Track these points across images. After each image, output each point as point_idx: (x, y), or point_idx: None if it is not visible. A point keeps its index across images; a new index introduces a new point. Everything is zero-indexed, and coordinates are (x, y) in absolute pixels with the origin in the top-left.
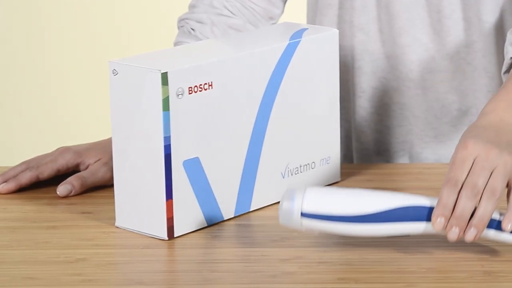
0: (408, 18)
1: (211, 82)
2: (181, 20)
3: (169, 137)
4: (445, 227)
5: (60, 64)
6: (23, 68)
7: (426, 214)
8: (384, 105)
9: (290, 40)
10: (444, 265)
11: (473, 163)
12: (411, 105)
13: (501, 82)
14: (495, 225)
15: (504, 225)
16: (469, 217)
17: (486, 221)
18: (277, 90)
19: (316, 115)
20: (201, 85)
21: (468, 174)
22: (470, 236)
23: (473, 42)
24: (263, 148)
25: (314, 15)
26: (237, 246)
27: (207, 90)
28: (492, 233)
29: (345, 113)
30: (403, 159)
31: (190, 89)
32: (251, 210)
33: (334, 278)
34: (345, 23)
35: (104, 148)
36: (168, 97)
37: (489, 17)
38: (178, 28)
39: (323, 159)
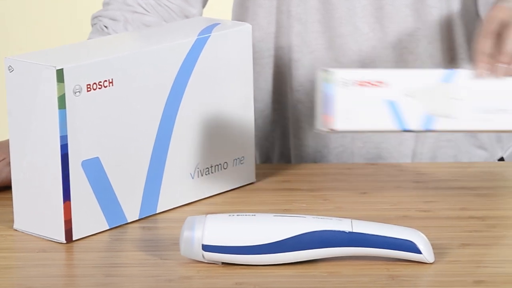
0: (348, 7)
1: (112, 79)
2: (94, 17)
3: (66, 136)
4: (488, 72)
5: None
6: None
7: (331, 239)
8: None
9: (198, 36)
10: (348, 269)
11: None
12: None
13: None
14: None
15: None
16: None
17: None
18: (185, 87)
19: (228, 114)
20: (100, 82)
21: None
22: None
23: (417, 29)
24: (170, 148)
25: (244, 8)
26: (137, 250)
27: (107, 87)
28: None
29: (282, 109)
30: (343, 155)
31: (89, 86)
32: (157, 212)
33: (232, 283)
34: (282, 13)
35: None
36: (64, 94)
37: (434, 2)
38: (92, 25)
39: (236, 159)
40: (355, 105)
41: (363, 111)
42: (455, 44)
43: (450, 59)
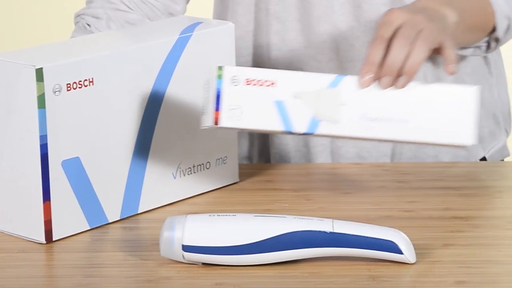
0: (326, 5)
1: (92, 78)
2: (77, 16)
3: (46, 136)
4: (373, 81)
5: None
6: None
7: (312, 239)
8: None
9: (180, 35)
10: (329, 269)
11: (399, 27)
12: None
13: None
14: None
15: (446, 68)
16: (400, 66)
17: (417, 69)
18: (167, 86)
19: None
20: (80, 81)
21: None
22: (401, 83)
23: None
24: (151, 147)
25: (224, 5)
26: (117, 250)
27: (88, 86)
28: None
29: None
30: (323, 154)
31: (69, 85)
32: (139, 212)
33: (212, 283)
34: (261, 11)
35: None
36: (43, 94)
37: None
38: (75, 24)
39: (219, 159)
40: (243, 103)
41: (251, 109)
42: None
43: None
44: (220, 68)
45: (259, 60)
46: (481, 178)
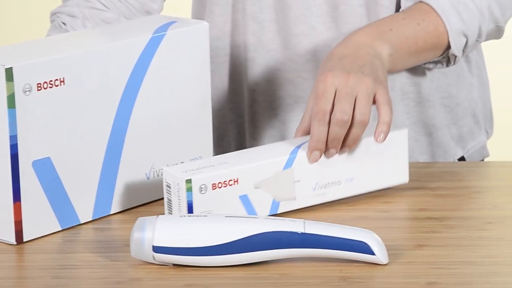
0: (303, 6)
1: (63, 78)
2: (53, 14)
3: (16, 136)
4: (321, 155)
5: None
6: None
7: (283, 240)
8: (279, 99)
9: (153, 34)
10: (300, 270)
11: (335, 93)
12: (307, 98)
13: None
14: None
15: (376, 136)
16: (342, 140)
17: (357, 140)
18: (139, 86)
19: (185, 113)
20: (51, 81)
21: (334, 104)
22: (344, 151)
23: None
24: (124, 148)
25: (202, 6)
26: (88, 251)
27: (58, 86)
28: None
29: (238, 108)
30: None
31: (39, 85)
32: (112, 213)
33: (182, 284)
34: (238, 12)
35: None
36: (13, 93)
37: (388, 2)
38: (50, 22)
39: (193, 160)
40: (212, 206)
41: (219, 209)
42: None
43: None
44: (188, 181)
45: (236, 61)
46: (458, 178)
